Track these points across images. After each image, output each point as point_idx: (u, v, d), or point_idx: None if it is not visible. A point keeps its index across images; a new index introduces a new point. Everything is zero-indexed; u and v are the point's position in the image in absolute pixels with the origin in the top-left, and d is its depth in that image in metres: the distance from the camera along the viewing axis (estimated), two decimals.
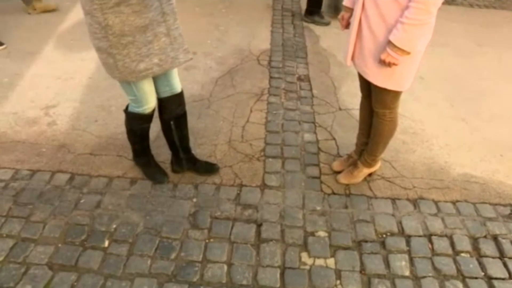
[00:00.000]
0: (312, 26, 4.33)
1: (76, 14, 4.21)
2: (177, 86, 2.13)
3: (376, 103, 2.13)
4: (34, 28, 3.97)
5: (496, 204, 2.37)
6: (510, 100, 3.31)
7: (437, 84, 3.45)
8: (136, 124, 2.16)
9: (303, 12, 4.52)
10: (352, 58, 2.07)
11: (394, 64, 1.81)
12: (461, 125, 2.99)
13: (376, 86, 2.01)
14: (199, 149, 2.55)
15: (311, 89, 3.27)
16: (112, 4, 1.56)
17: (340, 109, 3.08)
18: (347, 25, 2.09)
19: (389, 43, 1.76)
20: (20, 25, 4.03)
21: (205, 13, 4.42)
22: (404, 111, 2.97)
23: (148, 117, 2.11)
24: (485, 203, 2.38)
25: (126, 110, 2.15)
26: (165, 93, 2.11)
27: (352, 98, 3.14)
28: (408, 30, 1.69)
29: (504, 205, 2.37)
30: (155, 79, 2.02)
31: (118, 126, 2.78)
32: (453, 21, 4.53)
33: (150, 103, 2.04)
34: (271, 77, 3.40)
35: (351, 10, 2.05)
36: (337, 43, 3.93)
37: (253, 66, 3.57)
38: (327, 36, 4.11)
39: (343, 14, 2.10)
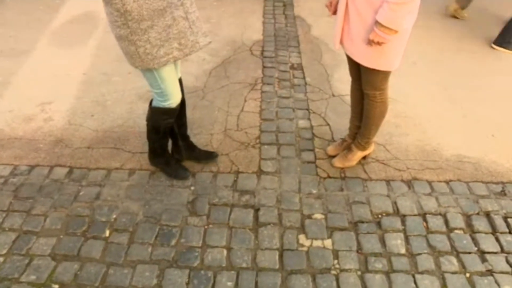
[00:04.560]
0: (303, 15, 4.35)
1: (68, 12, 4.21)
2: (178, 74, 2.15)
3: (366, 85, 2.17)
4: (26, 26, 3.97)
5: (488, 182, 2.42)
6: (501, 82, 3.36)
7: (429, 68, 3.49)
8: (161, 120, 2.11)
9: (294, 2, 4.53)
10: (341, 42, 2.10)
11: (382, 43, 1.84)
12: (454, 108, 3.03)
13: (365, 68, 2.05)
14: (196, 139, 2.58)
15: (304, 77, 3.30)
16: None
17: (333, 95, 3.11)
18: (335, 11, 2.12)
19: (377, 23, 1.80)
20: (12, 23, 4.03)
21: (197, 6, 4.40)
22: (397, 96, 3.01)
23: (173, 112, 2.09)
24: (478, 181, 2.43)
25: (150, 106, 2.12)
26: None
27: (345, 84, 3.16)
28: (394, 8, 1.73)
29: (496, 183, 2.42)
30: None
31: (114, 120, 2.81)
32: (444, 6, 4.55)
33: (176, 97, 2.03)
34: (264, 67, 3.43)
35: None
36: (328, 32, 3.95)
37: (246, 56, 3.59)
38: (319, 25, 4.14)
39: (330, 2, 2.13)
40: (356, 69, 2.18)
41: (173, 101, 2.04)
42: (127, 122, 2.78)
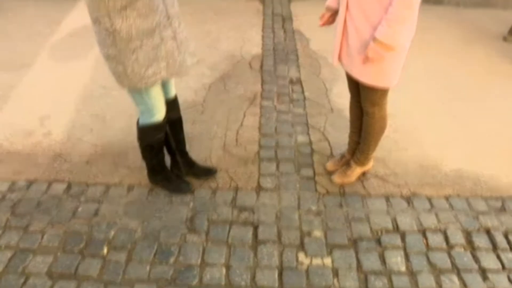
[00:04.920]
0: (302, 29, 4.38)
1: (68, 25, 4.23)
2: (172, 92, 2.16)
3: (365, 102, 2.18)
4: (26, 40, 3.99)
5: (488, 198, 2.42)
6: (499, 97, 3.37)
7: (427, 82, 3.51)
8: (152, 137, 2.12)
9: (293, 16, 4.57)
10: (340, 58, 2.12)
11: (379, 60, 1.86)
12: (452, 122, 3.04)
13: (364, 84, 2.06)
14: (195, 154, 2.57)
15: (303, 92, 3.32)
16: (118, 8, 1.58)
17: (332, 110, 3.12)
18: (325, 24, 2.16)
19: (375, 39, 1.81)
20: (12, 36, 4.05)
21: (197, 20, 4.46)
22: (395, 111, 3.01)
23: (162, 126, 2.09)
24: (477, 197, 2.42)
25: (138, 126, 2.12)
26: None
27: (344, 99, 3.18)
28: (392, 25, 1.74)
29: (496, 198, 2.41)
30: None
31: (113, 134, 2.81)
32: (441, 21, 4.60)
33: (161, 110, 2.03)
34: (263, 81, 3.44)
35: (332, 10, 2.11)
36: (327, 45, 3.97)
37: (245, 70, 3.61)
38: (317, 39, 4.17)
39: (324, 13, 2.16)
40: (355, 85, 2.19)
41: (159, 115, 2.04)
42: (127, 137, 2.77)
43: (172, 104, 2.17)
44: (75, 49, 3.85)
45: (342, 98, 3.22)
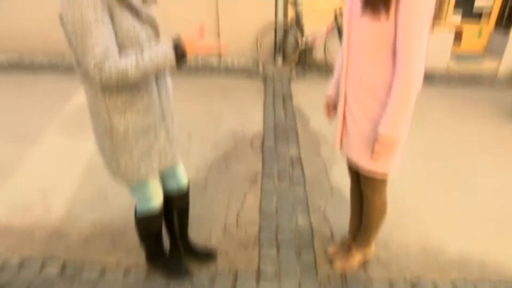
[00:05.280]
0: (302, 107, 4.57)
1: (78, 100, 4.41)
2: (183, 180, 2.15)
3: (365, 188, 2.20)
4: (37, 113, 4.14)
5: (496, 281, 2.35)
6: (500, 175, 3.43)
7: (424, 160, 3.58)
8: (149, 226, 2.10)
9: (293, 94, 4.79)
10: (340, 143, 2.18)
11: (387, 153, 1.89)
12: (452, 202, 3.05)
13: (364, 171, 2.10)
14: (194, 235, 2.55)
15: (303, 171, 3.37)
16: (119, 104, 1.63)
17: (332, 190, 3.15)
18: (331, 117, 2.24)
19: (380, 135, 1.85)
20: (23, 109, 4.20)
21: (200, 99, 4.67)
22: (395, 191, 3.03)
23: (159, 214, 2.06)
24: (484, 280, 2.36)
25: (136, 216, 2.10)
26: (173, 191, 2.12)
27: (344, 179, 3.19)
28: (394, 119, 1.77)
29: (505, 282, 2.34)
30: (162, 176, 2.04)
31: (114, 213, 2.80)
32: (434, 100, 4.82)
33: (157, 198, 2.01)
34: (264, 160, 3.51)
35: (333, 99, 2.20)
36: (327, 124, 4.10)
37: (246, 149, 3.70)
38: (317, 117, 4.32)
39: (327, 104, 2.24)
40: (355, 171, 2.24)
41: (155, 202, 2.01)
42: (127, 216, 2.76)
43: (182, 196, 2.17)
44: (83, 124, 3.95)
45: (342, 178, 3.26)
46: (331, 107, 2.23)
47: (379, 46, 1.73)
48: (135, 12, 1.50)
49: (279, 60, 6.07)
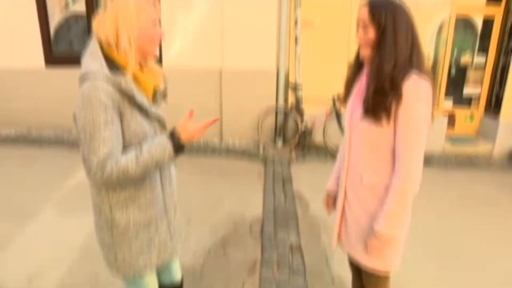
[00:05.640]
0: (302, 191, 4.58)
1: (78, 178, 4.45)
2: (177, 275, 2.09)
3: (368, 285, 2.13)
4: (36, 189, 4.15)
5: None
6: (500, 261, 3.32)
7: (425, 248, 3.49)
8: None
9: (293, 177, 4.83)
10: (339, 238, 2.15)
11: (382, 250, 1.87)
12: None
13: (366, 268, 2.04)
14: None
15: (303, 259, 3.27)
16: (122, 199, 1.64)
17: (333, 279, 3.03)
18: (332, 211, 2.24)
19: (375, 232, 1.85)
20: (24, 185, 4.21)
21: (201, 181, 4.70)
22: (396, 280, 2.93)
23: None
24: None
25: None
26: (165, 286, 2.06)
27: (345, 268, 3.07)
28: (391, 217, 1.78)
29: None
30: (157, 269, 1.96)
31: None
32: (431, 183, 4.84)
33: None
34: (263, 247, 3.43)
35: (333, 193, 2.22)
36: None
37: (245, 235, 3.63)
38: (317, 201, 4.26)
39: (326, 198, 2.25)
40: (356, 266, 2.18)
41: None
42: None
43: None
44: (81, 203, 3.94)
45: (343, 267, 3.13)
46: (331, 201, 2.25)
47: (379, 147, 1.80)
48: (144, 113, 1.59)
49: (279, 143, 6.23)
